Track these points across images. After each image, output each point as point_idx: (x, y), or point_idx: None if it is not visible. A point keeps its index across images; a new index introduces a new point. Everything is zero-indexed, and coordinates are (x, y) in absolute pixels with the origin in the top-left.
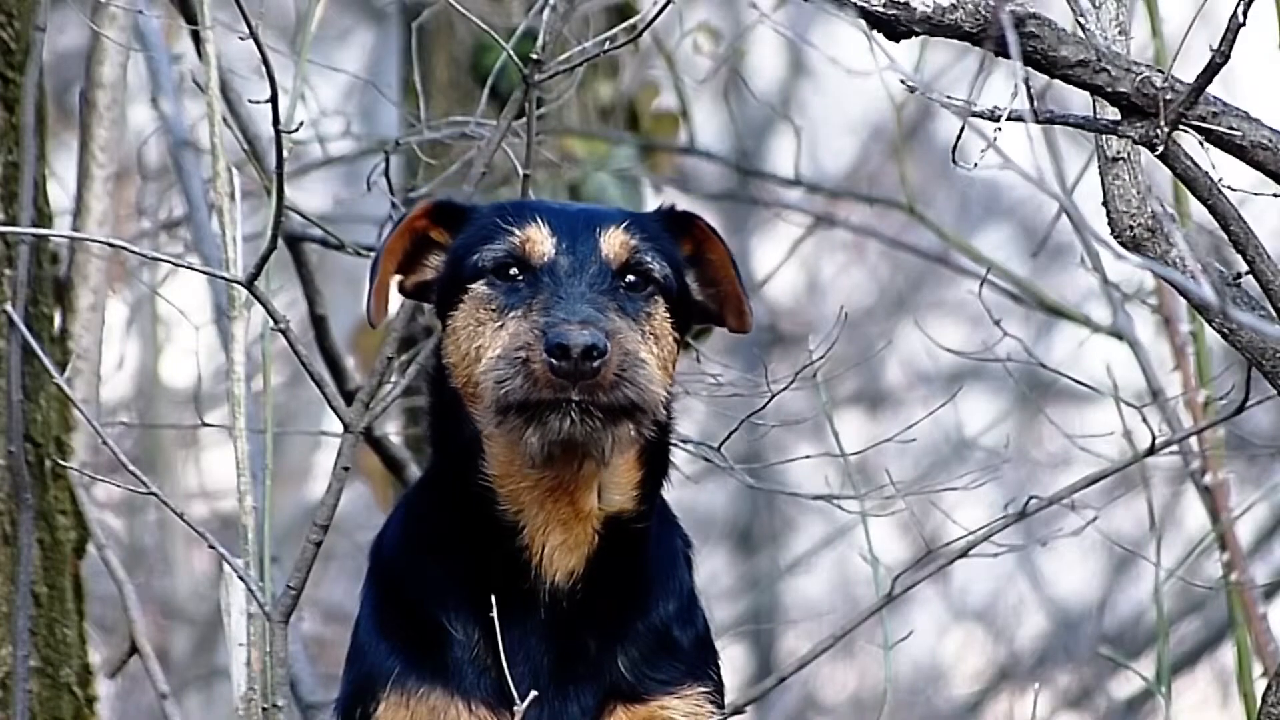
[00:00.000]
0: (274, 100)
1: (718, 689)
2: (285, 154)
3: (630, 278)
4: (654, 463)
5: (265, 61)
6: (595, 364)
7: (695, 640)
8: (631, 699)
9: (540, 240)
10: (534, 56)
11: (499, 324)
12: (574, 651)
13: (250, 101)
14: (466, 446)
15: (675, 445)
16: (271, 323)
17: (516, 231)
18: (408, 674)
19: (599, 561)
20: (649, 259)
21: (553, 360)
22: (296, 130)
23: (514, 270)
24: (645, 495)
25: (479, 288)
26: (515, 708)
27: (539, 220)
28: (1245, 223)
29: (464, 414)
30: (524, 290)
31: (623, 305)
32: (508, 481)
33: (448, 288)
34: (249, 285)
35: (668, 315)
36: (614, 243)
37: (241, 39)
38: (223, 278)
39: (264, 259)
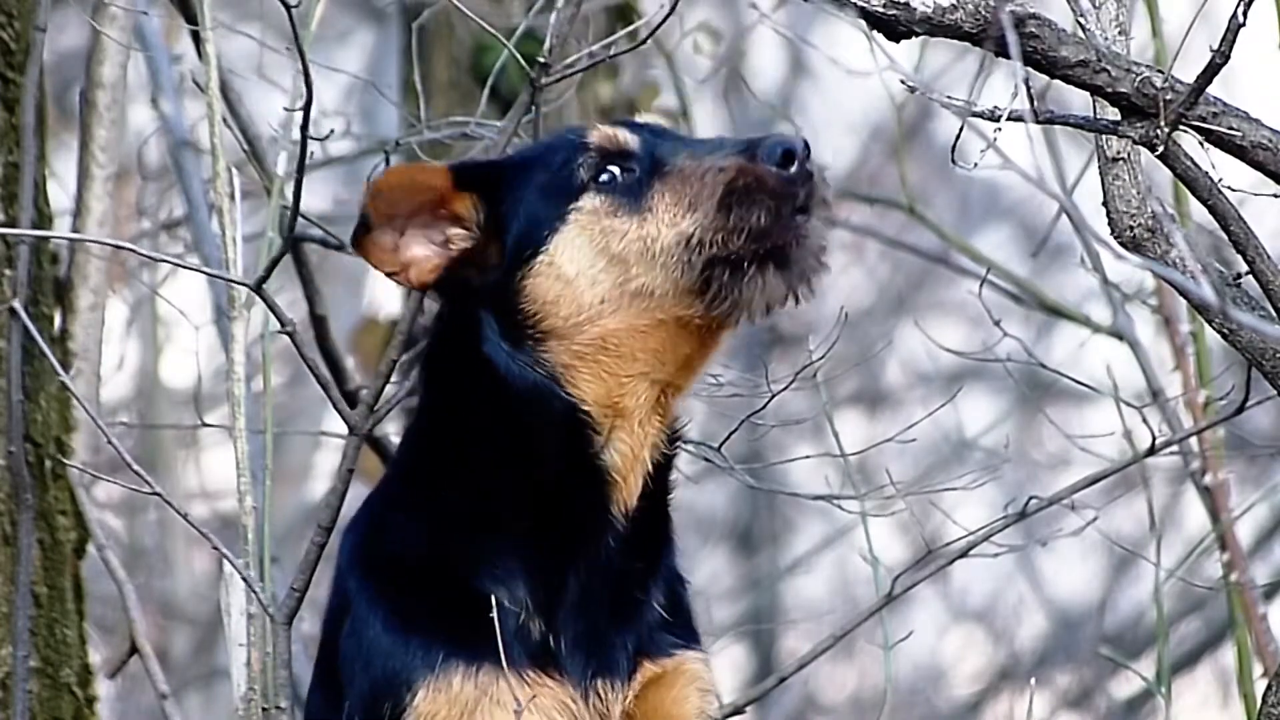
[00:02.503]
0: (306, 107)
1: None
2: (298, 157)
3: None
4: None
5: (305, 69)
6: (811, 166)
7: (690, 604)
8: (657, 653)
9: (618, 131)
10: (541, 59)
11: (641, 214)
12: (627, 577)
13: (285, 109)
14: (540, 379)
15: None
16: (278, 325)
17: (590, 137)
18: (451, 659)
19: (654, 477)
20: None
21: (783, 171)
22: (328, 137)
23: (613, 169)
24: (684, 409)
25: (587, 201)
26: (524, 698)
27: (598, 123)
28: (1245, 223)
29: (542, 344)
30: (640, 177)
31: None
32: (620, 398)
33: (531, 231)
34: (257, 289)
35: None
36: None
37: (285, 50)
38: (230, 280)
39: (273, 263)
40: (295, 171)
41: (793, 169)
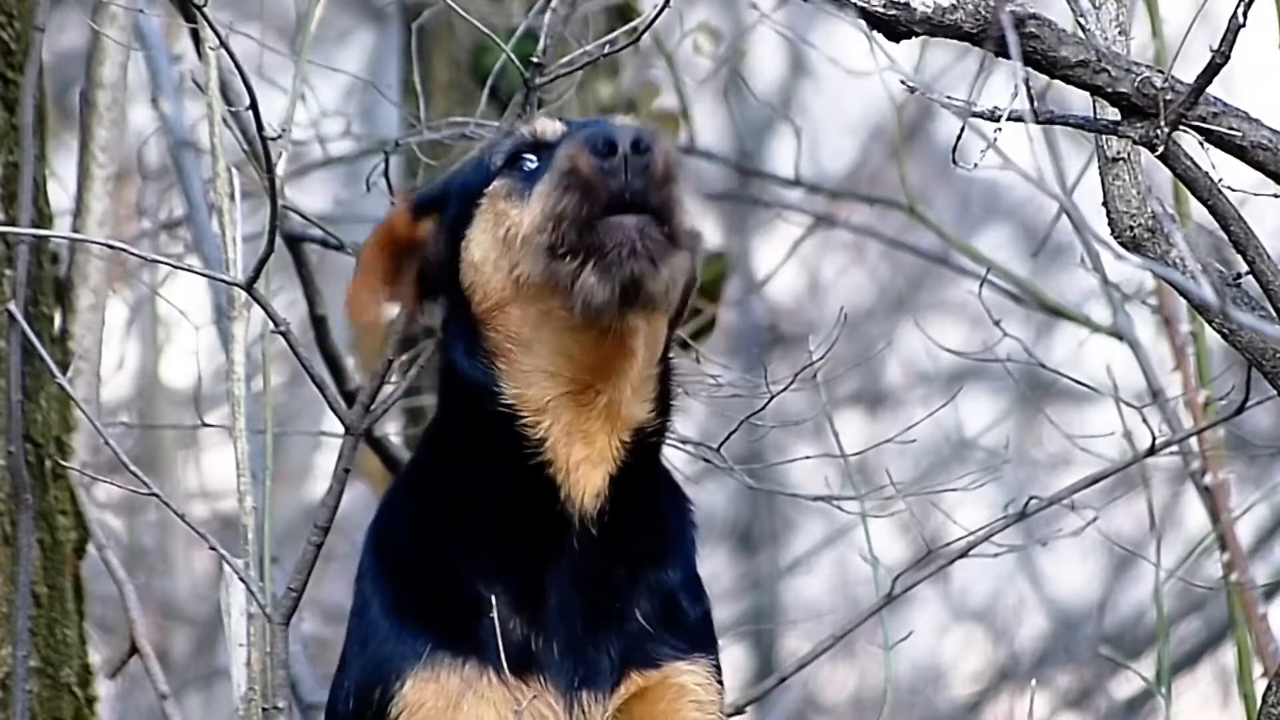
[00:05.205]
0: (254, 107)
1: (719, 669)
2: (275, 159)
3: None
4: (665, 378)
5: (239, 68)
6: (644, 159)
7: (702, 616)
8: (645, 664)
9: (550, 124)
10: (535, 59)
11: (525, 201)
12: (606, 584)
13: (233, 110)
14: (479, 382)
15: (679, 380)
16: (272, 325)
17: (523, 129)
18: (438, 651)
19: (622, 479)
20: (656, 136)
21: (601, 160)
22: (279, 138)
23: (528, 160)
24: (660, 408)
25: (496, 184)
26: (524, 699)
27: (544, 117)
28: (1245, 223)
29: (477, 343)
30: (542, 167)
31: None
32: (526, 390)
33: (458, 213)
34: (248, 288)
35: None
36: (620, 121)
37: (212, 49)
38: (222, 280)
39: (262, 262)
40: (266, 172)
41: (612, 160)
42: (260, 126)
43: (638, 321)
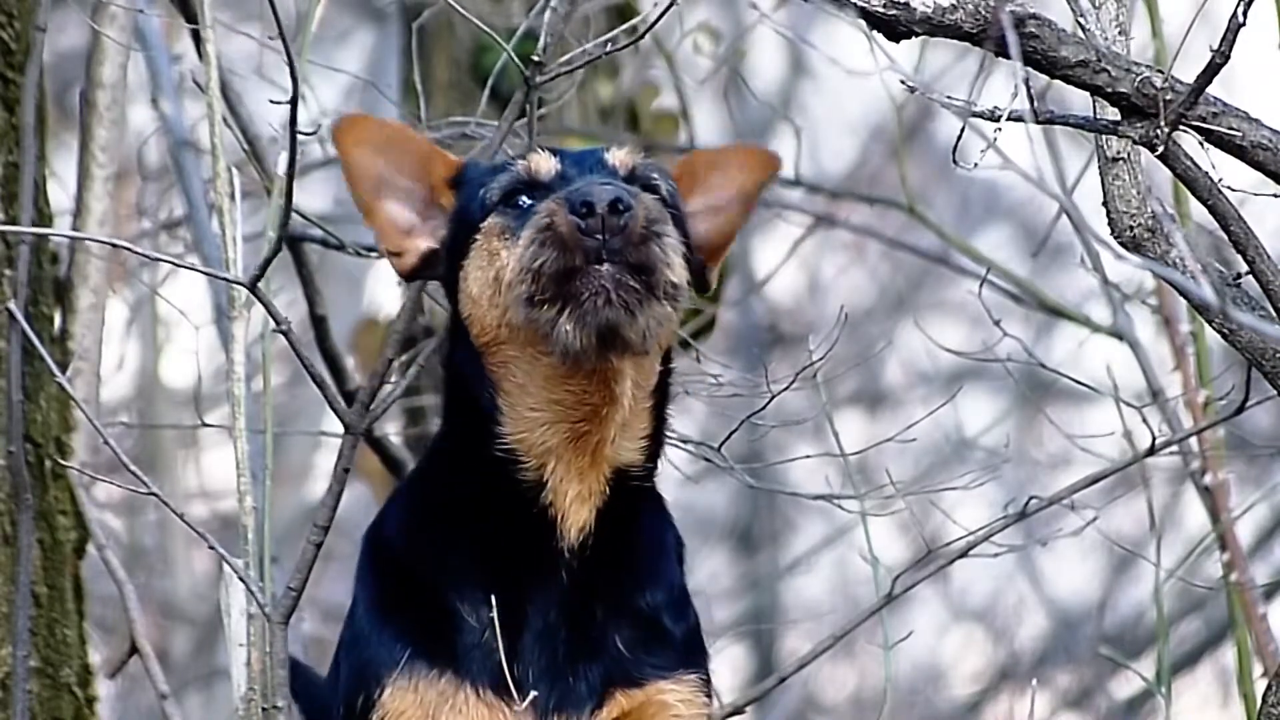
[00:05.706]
0: (294, 101)
1: (708, 682)
2: (297, 155)
3: (637, 188)
4: (658, 415)
5: (290, 62)
6: (622, 219)
7: (687, 632)
8: (628, 683)
9: (544, 160)
10: (535, 58)
11: (514, 244)
12: (585, 619)
13: (271, 102)
14: (483, 410)
15: (674, 420)
16: (273, 324)
17: (520, 162)
18: (415, 659)
19: (604, 518)
20: (654, 174)
21: (579, 220)
22: (315, 134)
23: (523, 198)
24: (650, 451)
25: (490, 221)
26: (516, 706)
27: (541, 149)
28: (1245, 223)
29: (481, 372)
30: (532, 208)
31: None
32: (528, 434)
33: (456, 241)
34: (252, 287)
35: (676, 231)
36: (618, 156)
37: (271, 38)
38: (225, 279)
39: (267, 261)
40: (287, 169)
41: (590, 221)
42: (295, 120)
43: (622, 364)
